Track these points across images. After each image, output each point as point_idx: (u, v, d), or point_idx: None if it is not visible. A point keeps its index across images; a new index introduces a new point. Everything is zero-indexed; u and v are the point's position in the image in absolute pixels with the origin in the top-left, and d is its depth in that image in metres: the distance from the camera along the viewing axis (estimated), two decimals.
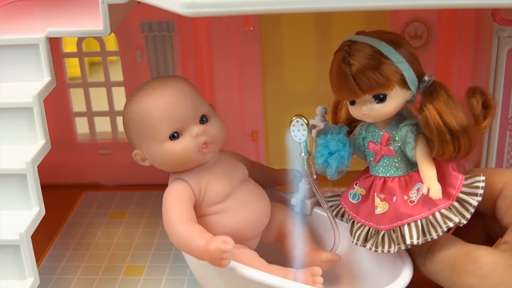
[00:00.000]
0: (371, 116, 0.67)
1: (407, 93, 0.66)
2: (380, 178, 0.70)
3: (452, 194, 0.66)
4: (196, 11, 0.57)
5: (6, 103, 0.71)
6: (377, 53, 0.64)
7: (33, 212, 0.71)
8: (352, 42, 0.66)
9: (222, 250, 0.64)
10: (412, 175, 0.69)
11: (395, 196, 0.68)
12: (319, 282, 0.70)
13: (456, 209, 0.66)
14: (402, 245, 0.67)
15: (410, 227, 0.66)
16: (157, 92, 0.72)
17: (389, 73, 0.64)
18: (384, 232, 0.69)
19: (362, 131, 0.72)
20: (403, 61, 0.64)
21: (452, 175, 0.67)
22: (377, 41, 0.65)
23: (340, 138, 0.72)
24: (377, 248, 0.69)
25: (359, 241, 0.71)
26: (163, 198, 0.73)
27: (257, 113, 1.04)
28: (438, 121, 0.64)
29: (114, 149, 1.08)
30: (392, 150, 0.69)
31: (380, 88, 0.65)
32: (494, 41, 0.83)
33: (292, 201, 0.80)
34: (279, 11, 0.57)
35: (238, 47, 0.99)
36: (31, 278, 0.70)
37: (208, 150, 0.72)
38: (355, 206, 0.73)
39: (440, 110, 0.64)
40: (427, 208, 0.66)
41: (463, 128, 0.64)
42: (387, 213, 0.69)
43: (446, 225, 0.65)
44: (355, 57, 0.64)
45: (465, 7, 0.57)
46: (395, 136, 0.69)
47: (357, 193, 0.73)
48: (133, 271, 0.87)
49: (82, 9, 0.82)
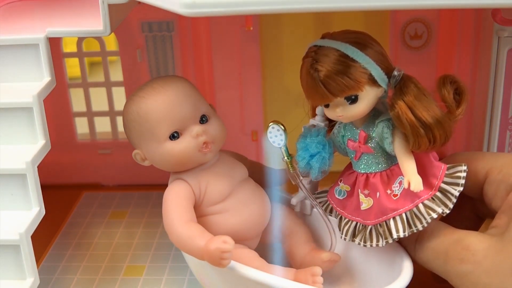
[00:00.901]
0: (346, 117, 0.68)
1: (378, 90, 0.67)
2: (363, 175, 0.71)
3: (434, 184, 0.67)
4: (196, 11, 0.57)
5: (6, 103, 0.71)
6: (344, 56, 0.64)
7: (33, 212, 0.71)
8: (318, 47, 0.66)
9: (222, 250, 0.64)
10: (393, 169, 0.70)
11: (378, 192, 0.69)
12: (319, 282, 0.70)
13: (439, 199, 0.67)
14: (389, 239, 0.68)
15: (395, 221, 0.67)
16: (157, 92, 0.72)
17: (357, 75, 0.65)
18: (371, 227, 0.70)
19: (341, 129, 0.73)
20: (370, 61, 0.65)
21: (434, 165, 0.67)
22: (342, 44, 0.65)
23: (319, 140, 0.73)
24: (365, 243, 0.70)
25: (348, 236, 0.72)
26: (163, 198, 0.73)
27: (257, 113, 1.04)
28: (410, 116, 0.64)
29: (114, 149, 1.08)
30: (370, 148, 0.70)
31: (350, 90, 0.65)
32: (494, 41, 0.83)
33: (292, 201, 0.80)
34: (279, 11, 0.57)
35: (238, 47, 0.99)
36: (31, 278, 0.70)
37: (208, 150, 0.72)
38: (341, 202, 0.74)
39: (411, 104, 0.65)
40: (410, 200, 0.67)
41: (436, 120, 0.64)
42: (372, 208, 0.70)
43: (430, 216, 0.66)
44: (322, 63, 0.65)
45: (465, 7, 0.57)
46: (372, 134, 0.69)
47: (342, 189, 0.74)
48: (133, 271, 0.87)
49: (82, 9, 0.82)
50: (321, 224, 0.79)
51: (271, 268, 0.71)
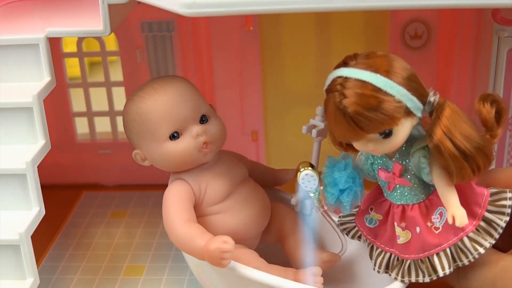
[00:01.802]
0: (379, 151, 0.63)
1: (413, 119, 0.61)
2: (398, 206, 0.66)
3: (477, 213, 0.62)
4: (196, 11, 0.58)
5: (6, 103, 0.71)
6: (375, 90, 0.58)
7: (33, 212, 0.71)
8: (343, 79, 0.59)
9: (222, 250, 0.64)
10: (432, 199, 0.65)
11: (417, 226, 0.65)
12: (319, 282, 0.70)
13: (483, 229, 0.62)
14: (433, 276, 0.63)
15: (439, 257, 0.63)
16: (157, 92, 0.72)
17: (392, 111, 0.58)
18: (410, 262, 0.65)
19: (369, 156, 0.67)
20: (405, 92, 0.59)
21: (477, 192, 0.63)
22: (372, 75, 0.58)
23: (349, 174, 0.67)
24: (403, 278, 0.66)
25: (381, 269, 0.68)
26: (163, 198, 0.73)
27: (257, 113, 1.04)
28: (451, 148, 0.59)
29: (114, 149, 1.08)
30: (407, 181, 0.65)
31: (385, 126, 0.59)
32: (494, 41, 0.83)
33: (292, 201, 0.80)
34: (279, 11, 0.57)
35: (238, 47, 0.99)
36: (31, 278, 0.70)
37: (208, 150, 0.72)
38: (372, 231, 0.70)
39: (449, 134, 0.59)
40: (453, 233, 0.62)
41: (478, 148, 0.59)
42: (411, 242, 0.65)
43: (477, 252, 0.62)
44: (350, 98, 0.58)
45: (465, 7, 0.57)
46: (408, 165, 0.64)
47: (374, 218, 0.70)
48: (133, 271, 0.87)
49: (82, 9, 0.82)
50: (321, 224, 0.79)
51: (271, 268, 0.71)
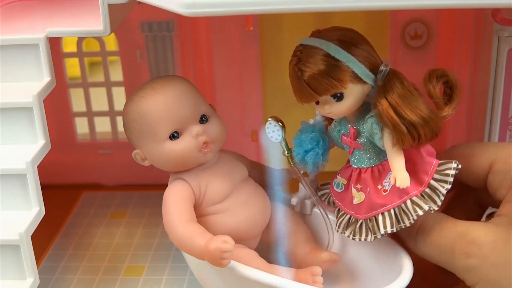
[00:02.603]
0: (335, 113, 0.68)
1: (364, 87, 0.66)
2: (356, 169, 0.71)
3: (424, 180, 0.66)
4: (196, 11, 0.57)
5: (6, 103, 0.71)
6: (327, 56, 0.65)
7: (33, 212, 0.71)
8: (304, 46, 0.67)
9: (223, 250, 0.64)
10: (385, 164, 0.69)
11: (368, 187, 0.69)
12: (319, 282, 0.70)
13: (428, 195, 0.66)
14: (378, 234, 0.67)
15: (383, 216, 0.67)
16: (157, 91, 0.72)
17: (339, 75, 0.65)
18: (361, 221, 0.70)
19: (337, 124, 0.73)
20: (352, 59, 0.65)
21: (425, 161, 0.67)
22: (326, 43, 0.65)
23: (313, 136, 0.74)
24: (354, 236, 0.70)
25: (340, 228, 0.73)
26: (163, 198, 0.73)
27: (257, 113, 1.04)
28: (392, 115, 0.63)
29: (114, 149, 1.08)
30: (359, 144, 0.70)
31: (334, 89, 0.65)
32: (494, 41, 0.83)
33: (292, 201, 0.80)
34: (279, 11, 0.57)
35: (238, 47, 0.99)
36: (31, 278, 0.70)
37: (208, 150, 0.72)
38: (339, 195, 0.74)
39: (393, 103, 0.64)
40: (398, 196, 0.67)
41: (421, 118, 0.63)
42: (363, 203, 0.70)
43: (416, 213, 0.65)
44: (306, 63, 0.65)
45: (465, 7, 0.57)
46: (361, 130, 0.69)
47: (340, 182, 0.74)
48: (133, 271, 0.87)
49: (82, 9, 0.82)
50: (321, 224, 0.79)
51: (271, 268, 0.71)
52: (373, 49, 0.67)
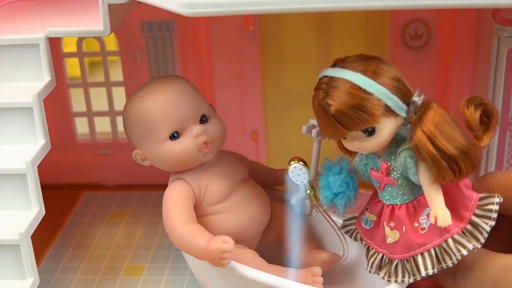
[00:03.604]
0: (365, 149, 0.64)
1: (397, 119, 0.62)
2: (388, 206, 0.67)
3: (465, 216, 0.62)
4: (196, 11, 0.58)
5: (6, 103, 0.71)
6: (355, 88, 0.60)
7: (33, 212, 0.71)
8: (329, 78, 0.62)
9: (223, 250, 0.64)
10: (420, 200, 0.65)
11: (404, 225, 0.65)
12: (319, 282, 0.70)
13: (470, 232, 0.62)
14: (417, 276, 0.63)
15: (423, 257, 0.63)
16: (157, 91, 0.72)
17: (371, 108, 0.60)
18: (397, 262, 0.66)
19: (363, 157, 0.69)
20: (384, 91, 0.60)
21: (465, 195, 0.63)
22: (354, 74, 0.61)
23: (343, 178, 0.69)
24: (390, 278, 0.66)
25: (373, 269, 0.68)
26: (163, 198, 0.73)
27: (257, 113, 1.04)
28: (430, 149, 0.59)
29: (114, 149, 1.08)
30: (393, 180, 0.65)
31: (365, 124, 0.61)
32: (494, 41, 0.83)
33: (292, 201, 0.80)
34: (279, 11, 0.57)
35: (238, 47, 0.99)
36: (31, 278, 0.70)
37: (208, 150, 0.72)
38: (368, 232, 0.70)
39: (431, 135, 0.60)
40: (438, 234, 0.62)
41: (460, 150, 0.59)
42: (399, 242, 0.65)
43: (460, 253, 0.61)
44: (333, 97, 0.61)
45: (465, 7, 0.57)
46: (394, 165, 0.65)
47: (369, 219, 0.70)
48: (133, 271, 0.87)
49: (82, 9, 0.82)
50: (321, 224, 0.79)
51: (271, 268, 0.71)
52: (403, 77, 0.62)
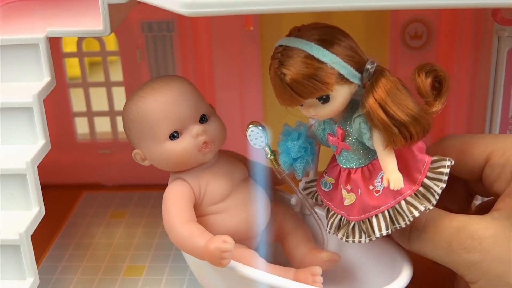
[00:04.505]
0: (320, 115, 0.66)
1: (351, 87, 0.64)
2: (345, 170, 0.69)
3: (417, 179, 0.64)
4: (196, 11, 0.58)
5: (6, 103, 0.71)
6: (309, 57, 0.61)
7: (33, 212, 0.71)
8: (283, 47, 0.63)
9: (222, 250, 0.64)
10: (375, 163, 0.67)
11: (359, 188, 0.67)
12: (319, 282, 0.70)
13: (422, 194, 0.64)
14: (372, 236, 0.66)
15: (378, 218, 0.65)
16: (157, 91, 0.72)
17: (324, 77, 0.61)
18: (354, 223, 0.68)
19: (321, 122, 0.70)
20: (337, 60, 0.61)
21: (418, 159, 0.65)
22: (307, 43, 0.62)
23: (301, 144, 0.71)
24: (347, 238, 0.68)
25: (332, 229, 0.71)
26: (163, 197, 0.73)
27: (257, 113, 1.04)
28: (382, 116, 0.61)
29: (114, 149, 1.08)
30: (348, 145, 0.67)
31: (319, 92, 0.62)
32: (494, 41, 0.83)
33: (292, 201, 0.80)
34: (279, 11, 0.57)
35: (238, 47, 0.99)
36: (31, 278, 0.70)
37: (208, 150, 0.72)
38: (327, 194, 0.72)
39: (382, 102, 0.61)
40: (392, 197, 0.64)
41: (411, 116, 0.61)
42: (355, 205, 0.68)
43: (412, 214, 0.63)
44: (288, 66, 0.62)
45: (465, 7, 0.57)
46: (349, 130, 0.67)
47: (327, 181, 0.72)
48: (133, 271, 0.87)
49: (82, 9, 0.82)
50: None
51: (271, 268, 0.71)
52: (357, 45, 0.64)
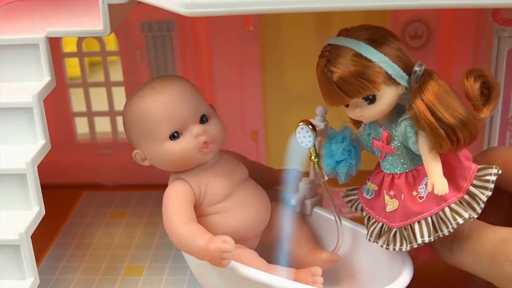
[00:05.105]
0: (366, 117, 0.66)
1: (398, 88, 0.64)
2: (388, 175, 0.68)
3: (462, 186, 0.63)
4: (196, 11, 0.58)
5: (6, 103, 0.71)
6: (357, 56, 0.62)
7: (33, 212, 0.71)
8: (332, 46, 0.63)
9: (223, 250, 0.64)
10: (420, 169, 0.66)
11: (403, 194, 0.66)
12: (319, 282, 0.70)
13: (467, 202, 0.63)
14: (414, 243, 0.65)
15: (420, 225, 0.64)
16: (157, 91, 0.72)
17: (372, 76, 0.62)
18: (395, 230, 0.67)
19: (367, 127, 0.70)
20: (385, 59, 0.62)
21: (464, 166, 0.64)
22: (356, 42, 0.62)
23: (345, 146, 0.71)
24: (388, 246, 0.67)
25: (372, 237, 0.70)
26: (163, 198, 0.73)
27: (257, 113, 1.04)
28: (429, 117, 0.61)
29: (114, 149, 1.08)
30: (393, 148, 0.67)
31: (366, 91, 0.62)
32: (494, 41, 0.83)
33: (292, 201, 0.80)
34: (279, 11, 0.57)
35: (238, 47, 0.99)
36: (31, 278, 0.70)
37: (208, 150, 0.72)
38: (369, 202, 0.71)
39: (430, 104, 0.61)
40: (436, 203, 0.64)
41: (459, 120, 0.60)
42: (397, 211, 0.67)
43: (455, 221, 0.62)
44: (336, 64, 0.62)
45: (465, 7, 0.57)
46: (394, 134, 0.66)
47: (370, 188, 0.71)
48: (133, 271, 0.87)
49: (82, 9, 0.82)
50: (321, 224, 0.79)
51: (271, 268, 0.71)
52: (405, 47, 0.64)
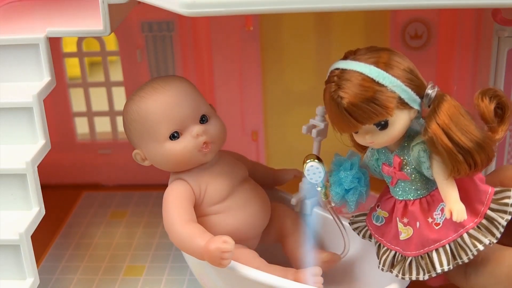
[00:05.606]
0: (377, 143, 0.63)
1: (411, 112, 0.61)
2: (401, 202, 0.66)
3: (480, 211, 0.61)
4: (196, 11, 0.58)
5: (6, 103, 0.71)
6: (368, 80, 0.59)
7: (33, 212, 0.71)
8: (340, 70, 0.61)
9: (223, 250, 0.64)
10: (434, 195, 0.64)
11: (418, 221, 0.64)
12: (319, 282, 0.70)
13: (485, 227, 0.61)
14: (432, 272, 0.62)
15: (438, 253, 0.62)
16: (158, 91, 0.72)
17: (385, 101, 0.59)
18: (411, 259, 0.64)
19: (375, 152, 0.67)
20: (398, 83, 0.59)
21: (480, 190, 0.62)
22: (366, 66, 0.59)
23: (354, 174, 0.68)
24: (404, 275, 0.64)
25: (385, 267, 0.67)
26: (163, 198, 0.73)
27: (257, 113, 1.04)
28: (446, 142, 0.58)
29: (114, 149, 1.08)
30: (406, 174, 0.64)
31: (379, 117, 0.60)
32: (494, 41, 0.83)
33: (292, 201, 0.80)
34: (279, 11, 0.57)
35: (238, 47, 0.99)
36: (31, 278, 0.70)
37: (208, 150, 0.72)
38: (379, 229, 0.69)
39: (446, 128, 0.58)
40: (453, 230, 0.61)
41: (477, 143, 0.58)
42: (412, 239, 0.64)
43: (476, 248, 0.60)
44: (345, 89, 0.59)
45: (465, 7, 0.57)
46: (407, 159, 0.64)
47: (380, 215, 0.69)
48: (133, 271, 0.87)
49: (82, 9, 0.82)
50: (321, 224, 0.79)
51: (271, 268, 0.71)
52: (415, 69, 0.61)
